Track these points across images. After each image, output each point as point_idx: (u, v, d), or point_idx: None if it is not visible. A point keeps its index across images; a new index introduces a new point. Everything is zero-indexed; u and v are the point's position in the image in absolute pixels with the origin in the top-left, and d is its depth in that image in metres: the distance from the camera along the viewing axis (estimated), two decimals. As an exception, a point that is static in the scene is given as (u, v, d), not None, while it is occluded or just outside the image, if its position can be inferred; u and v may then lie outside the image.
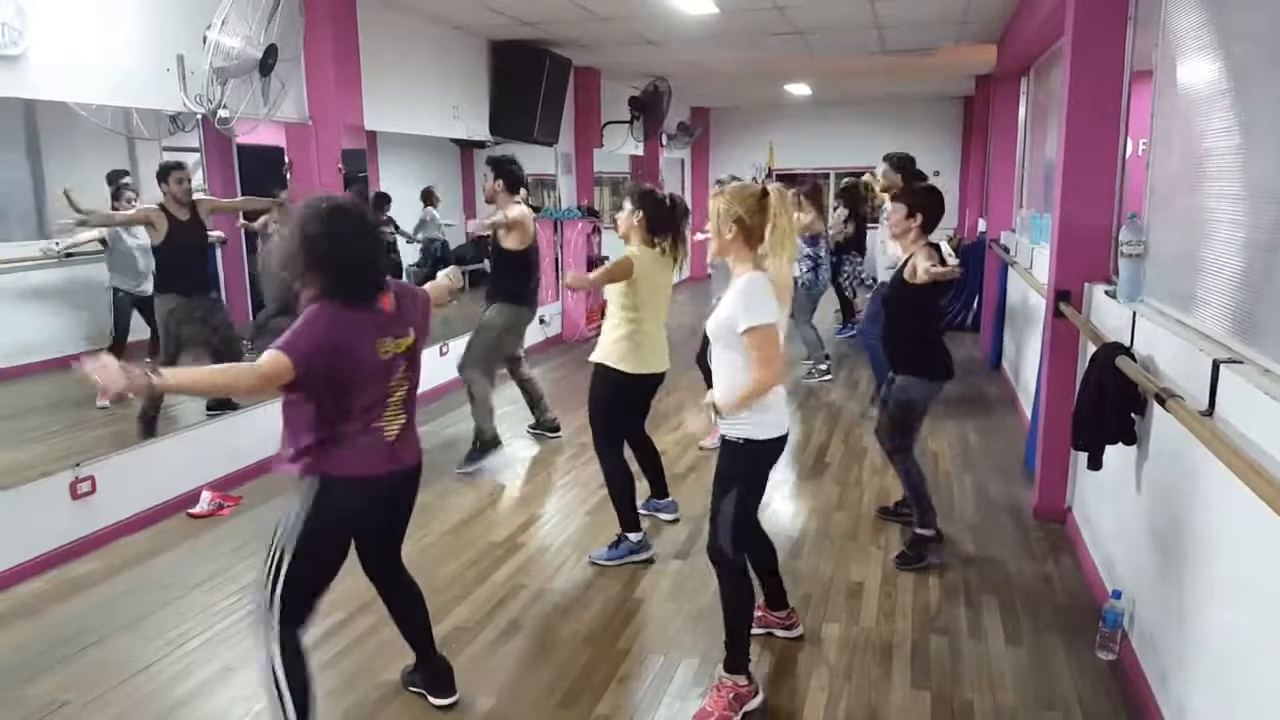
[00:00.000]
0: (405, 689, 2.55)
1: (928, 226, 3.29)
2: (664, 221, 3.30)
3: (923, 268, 3.13)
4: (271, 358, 1.88)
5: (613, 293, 3.32)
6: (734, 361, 2.32)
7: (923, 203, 3.31)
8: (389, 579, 2.40)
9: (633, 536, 3.38)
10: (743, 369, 2.28)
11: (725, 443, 2.39)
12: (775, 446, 2.38)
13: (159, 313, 4.45)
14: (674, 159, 11.77)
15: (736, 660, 2.43)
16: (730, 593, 2.44)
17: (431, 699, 2.48)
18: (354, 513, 2.15)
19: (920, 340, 3.32)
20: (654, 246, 3.29)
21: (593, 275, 3.37)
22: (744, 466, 2.37)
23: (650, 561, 3.36)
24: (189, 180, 4.44)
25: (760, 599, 2.71)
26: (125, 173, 5.04)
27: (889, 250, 4.01)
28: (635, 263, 3.23)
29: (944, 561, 3.35)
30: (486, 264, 10.15)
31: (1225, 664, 1.94)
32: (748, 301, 2.22)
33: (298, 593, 2.06)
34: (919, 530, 3.34)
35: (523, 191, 4.49)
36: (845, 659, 2.71)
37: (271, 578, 2.04)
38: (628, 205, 3.30)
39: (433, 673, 2.49)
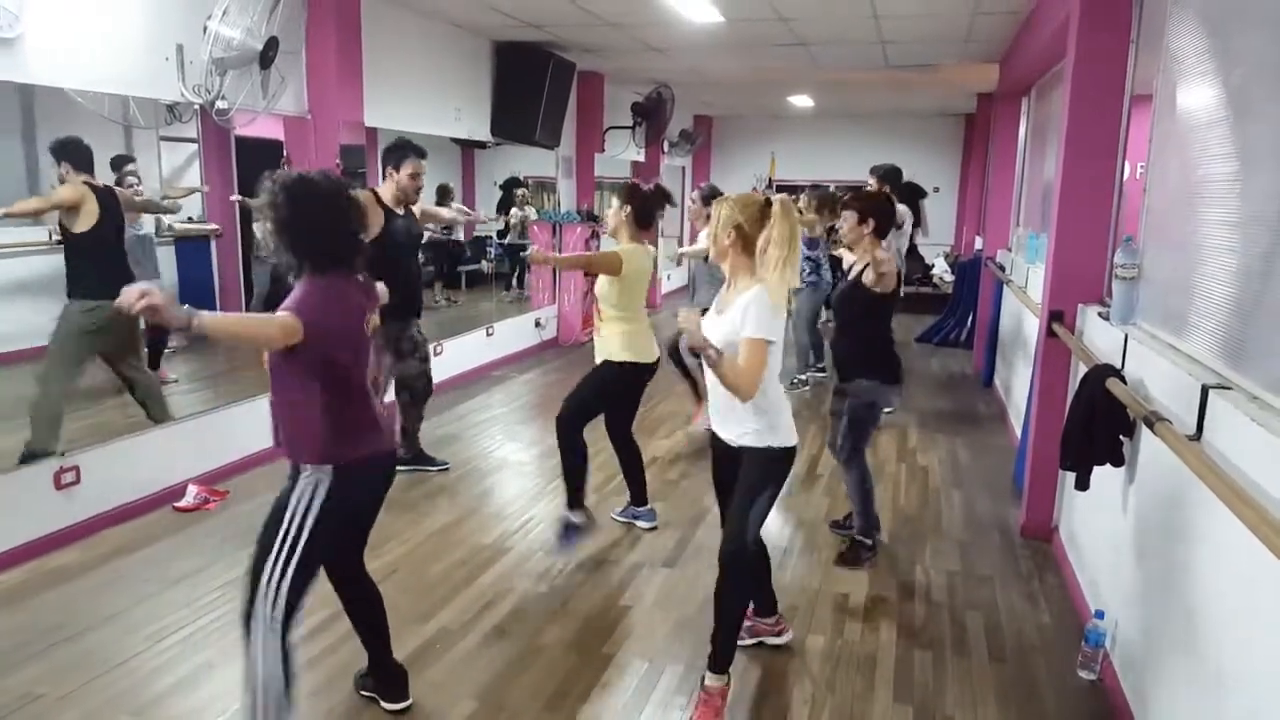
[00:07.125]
0: (358, 693, 2.49)
1: (880, 233, 3.33)
2: (652, 211, 3.49)
3: (876, 255, 3.20)
4: (283, 316, 1.92)
5: (604, 292, 3.44)
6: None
7: (872, 209, 3.34)
8: (354, 575, 2.37)
9: (574, 517, 3.46)
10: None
11: (755, 453, 2.41)
12: (794, 452, 2.50)
13: (71, 322, 3.71)
14: (675, 166, 11.79)
15: (727, 659, 2.46)
16: (737, 594, 2.50)
17: (384, 704, 2.42)
18: (369, 495, 2.20)
19: (879, 345, 3.36)
20: (642, 242, 3.46)
21: (565, 256, 3.46)
22: (777, 472, 2.46)
23: (585, 533, 3.50)
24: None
25: (750, 607, 2.72)
26: (130, 158, 5.02)
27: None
28: (625, 259, 3.35)
29: (929, 571, 3.35)
30: (484, 265, 10.07)
31: (1206, 688, 1.93)
32: (754, 313, 2.26)
33: (301, 587, 2.04)
34: (859, 538, 3.44)
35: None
36: (829, 671, 2.71)
37: (279, 573, 1.99)
38: (615, 202, 3.47)
39: (388, 676, 2.44)
